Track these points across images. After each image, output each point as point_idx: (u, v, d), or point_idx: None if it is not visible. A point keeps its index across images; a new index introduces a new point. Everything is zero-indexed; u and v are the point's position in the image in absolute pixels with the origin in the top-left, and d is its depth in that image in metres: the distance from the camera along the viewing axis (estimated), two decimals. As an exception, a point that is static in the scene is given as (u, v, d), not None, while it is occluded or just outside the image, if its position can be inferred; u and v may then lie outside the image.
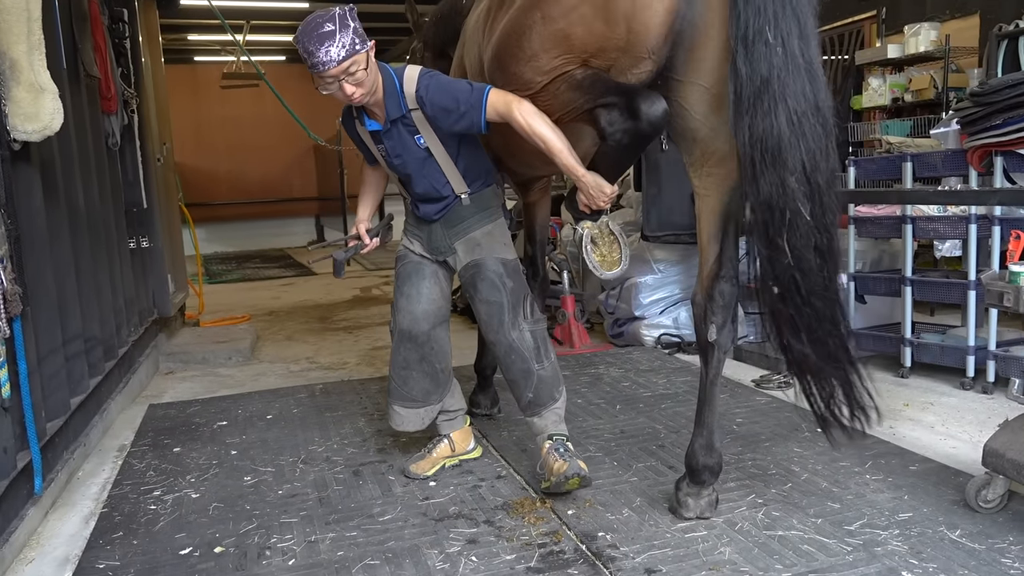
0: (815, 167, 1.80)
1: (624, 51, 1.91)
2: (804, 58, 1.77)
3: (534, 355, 2.35)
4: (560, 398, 2.41)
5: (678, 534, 2.07)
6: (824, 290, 1.87)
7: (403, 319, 2.45)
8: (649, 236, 4.02)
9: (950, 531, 2.02)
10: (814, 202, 1.81)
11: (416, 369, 2.46)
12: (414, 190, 2.40)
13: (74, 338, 2.82)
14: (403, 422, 2.50)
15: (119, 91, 3.62)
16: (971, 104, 3.05)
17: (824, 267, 1.86)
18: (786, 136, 1.77)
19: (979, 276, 2.20)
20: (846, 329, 1.96)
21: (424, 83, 2.20)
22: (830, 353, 1.94)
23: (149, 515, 2.34)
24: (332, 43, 2.03)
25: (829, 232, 1.86)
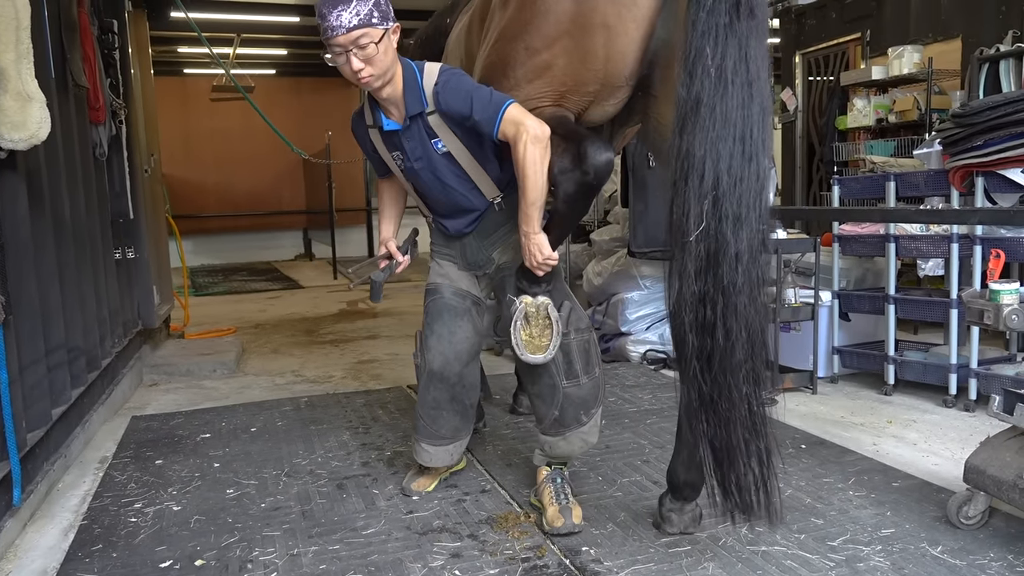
0: (721, 192, 1.69)
1: (603, 83, 1.94)
2: (740, 79, 1.70)
3: (564, 369, 2.17)
4: (588, 421, 2.22)
5: (662, 549, 2.07)
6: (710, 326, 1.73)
7: (435, 360, 2.30)
8: (636, 252, 4.04)
9: (932, 547, 2.03)
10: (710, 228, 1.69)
11: (447, 409, 2.34)
12: (436, 206, 2.23)
13: (57, 348, 2.79)
14: (431, 459, 2.40)
15: (107, 101, 3.61)
16: (953, 125, 3.11)
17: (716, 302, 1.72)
18: (697, 157, 1.70)
19: (960, 294, 2.23)
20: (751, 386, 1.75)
21: (443, 79, 2.05)
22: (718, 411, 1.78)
23: (129, 528, 2.31)
24: (346, 8, 1.88)
25: (732, 266, 1.70)
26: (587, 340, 2.20)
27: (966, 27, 5.08)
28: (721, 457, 1.84)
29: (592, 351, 2.21)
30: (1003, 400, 2.05)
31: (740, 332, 1.75)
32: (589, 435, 2.26)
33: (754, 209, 1.72)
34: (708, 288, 1.73)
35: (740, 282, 1.72)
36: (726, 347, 1.75)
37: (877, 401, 3.42)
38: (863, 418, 3.19)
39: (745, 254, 1.72)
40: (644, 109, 2.01)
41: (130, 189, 3.97)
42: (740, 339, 1.75)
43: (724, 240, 1.71)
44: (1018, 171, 2.99)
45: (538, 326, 2.08)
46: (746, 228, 1.71)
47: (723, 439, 1.82)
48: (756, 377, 1.79)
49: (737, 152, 1.71)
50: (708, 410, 1.81)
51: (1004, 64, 4.34)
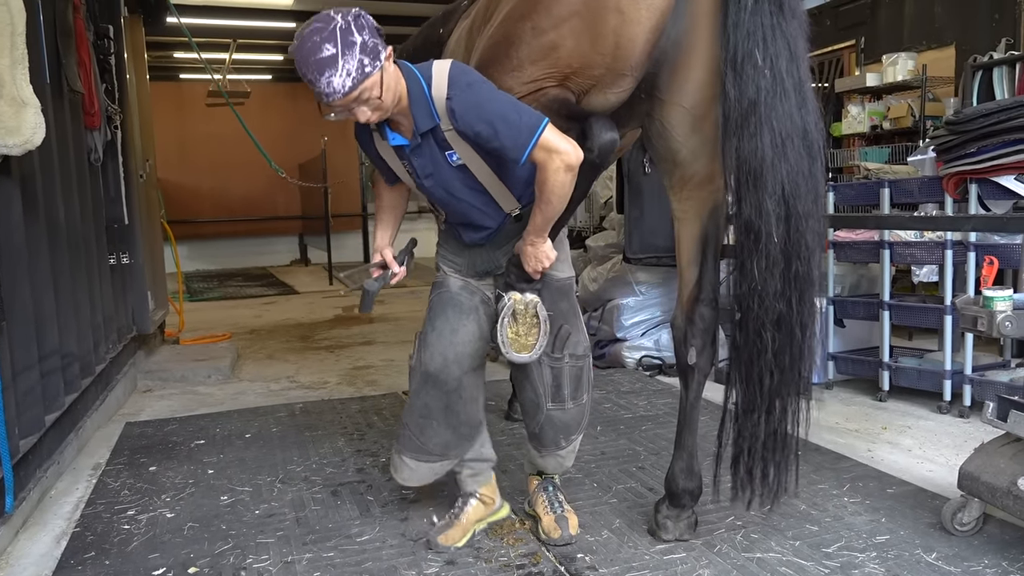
0: (795, 191, 1.80)
1: (609, 67, 1.92)
2: (793, 80, 1.78)
3: (551, 392, 2.06)
4: (567, 446, 2.13)
5: (657, 556, 2.06)
6: (787, 321, 1.83)
7: (432, 360, 2.04)
8: (631, 258, 4.05)
9: (926, 554, 2.03)
10: (789, 226, 1.81)
11: (438, 419, 2.07)
12: (450, 214, 2.06)
13: (50, 354, 2.78)
14: (411, 476, 2.12)
15: (103, 107, 3.61)
16: (946, 132, 3.12)
17: (790, 295, 1.82)
18: (768, 158, 1.78)
19: (954, 301, 2.23)
20: (805, 378, 1.88)
21: (456, 92, 1.80)
22: (779, 399, 1.90)
23: (122, 535, 2.30)
24: (334, 71, 1.66)
25: (803, 260, 1.82)
26: (580, 367, 2.09)
27: (960, 35, 5.11)
28: (767, 448, 1.93)
29: (584, 378, 2.11)
30: (997, 407, 2.06)
31: (812, 323, 1.86)
32: (566, 459, 2.18)
33: (819, 204, 1.84)
34: (780, 284, 1.82)
35: (814, 275, 1.84)
36: (802, 339, 1.85)
37: (872, 407, 3.43)
38: (858, 424, 3.19)
39: (816, 249, 1.83)
40: (648, 112, 2.01)
41: (125, 194, 3.96)
42: (812, 330, 1.87)
43: (800, 236, 1.81)
44: (1011, 178, 3.01)
45: (525, 324, 1.99)
46: (812, 225, 1.82)
47: (771, 431, 1.92)
48: (811, 368, 1.92)
49: (804, 151, 1.79)
50: (763, 405, 1.90)
51: (998, 71, 4.37)
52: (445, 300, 2.09)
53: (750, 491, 1.98)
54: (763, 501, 1.99)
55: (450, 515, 2.19)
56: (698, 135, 1.96)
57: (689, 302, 2.13)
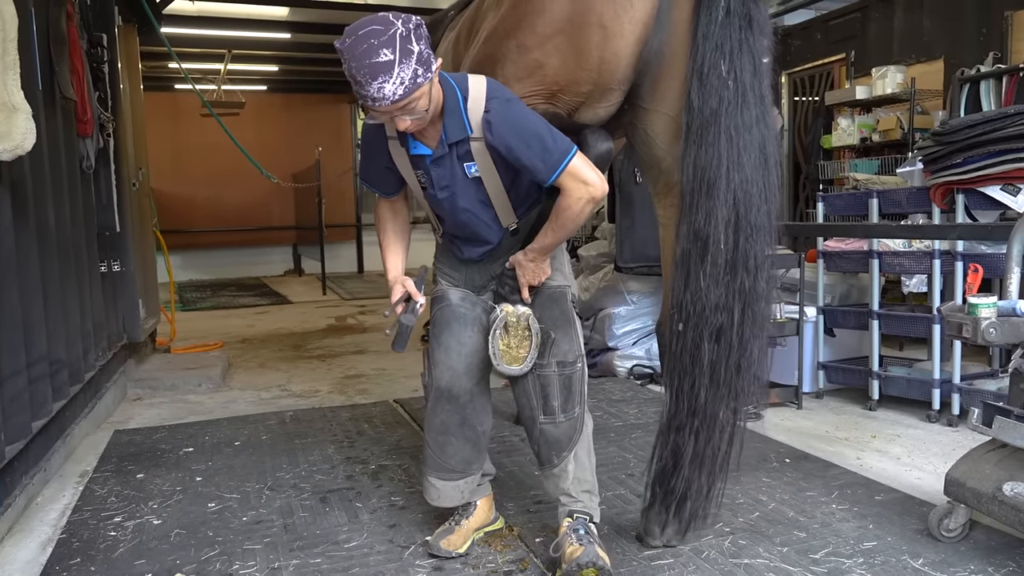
0: (747, 201, 1.81)
1: (595, 83, 1.95)
2: (755, 95, 1.81)
3: (540, 404, 1.97)
4: (559, 464, 1.99)
5: (644, 562, 2.06)
6: (727, 333, 1.82)
7: (443, 375, 2.03)
8: (622, 267, 4.06)
9: (913, 560, 2.03)
10: (738, 236, 1.81)
11: (456, 435, 2.05)
12: (453, 227, 2.03)
13: (38, 360, 2.77)
14: (439, 496, 2.09)
15: (95, 115, 3.62)
16: (933, 143, 3.15)
17: (732, 307, 1.81)
18: (723, 167, 1.79)
19: (939, 308, 2.25)
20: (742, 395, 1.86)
21: (495, 107, 1.80)
22: (709, 415, 1.88)
23: (109, 541, 2.29)
24: (388, 78, 1.61)
25: (750, 272, 1.82)
26: (569, 376, 1.97)
27: (948, 49, 5.17)
28: (694, 465, 1.92)
29: (575, 388, 1.98)
30: (982, 413, 2.07)
31: (756, 339, 1.84)
32: (561, 479, 2.01)
33: (771, 217, 1.85)
34: (724, 295, 1.82)
35: (760, 289, 1.83)
36: (740, 354, 1.84)
37: (861, 416, 3.44)
38: (847, 433, 3.20)
39: (764, 262, 1.83)
40: (632, 121, 2.03)
41: (117, 202, 3.96)
42: (754, 346, 1.85)
43: (748, 249, 1.81)
44: (997, 188, 3.04)
45: (517, 336, 1.97)
46: (763, 238, 1.83)
47: (703, 448, 1.89)
48: (751, 388, 1.89)
49: (760, 164, 1.82)
50: (698, 419, 1.89)
51: (984, 84, 4.42)
52: (448, 314, 2.06)
53: (663, 517, 2.01)
54: (675, 529, 2.03)
55: (451, 522, 2.17)
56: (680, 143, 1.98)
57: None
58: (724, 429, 1.92)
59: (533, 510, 2.43)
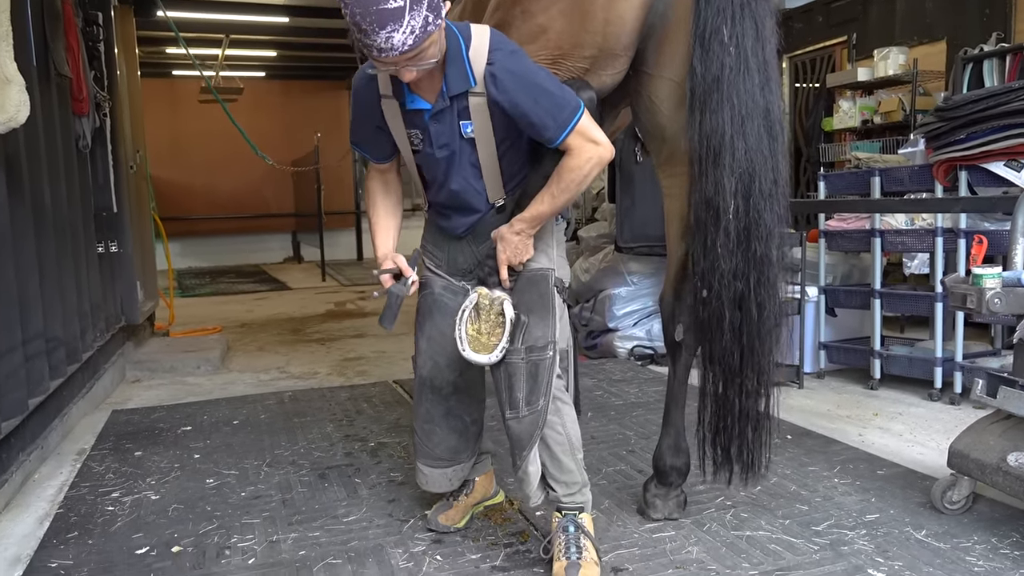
0: (753, 170, 1.80)
1: (600, 47, 1.91)
2: (758, 60, 1.79)
3: (506, 396, 1.78)
4: (521, 466, 1.78)
5: (646, 534, 2.05)
6: (747, 301, 1.83)
7: (424, 365, 1.97)
8: (623, 248, 4.04)
9: (916, 531, 2.02)
10: (748, 204, 1.81)
11: (441, 425, 1.98)
12: (439, 196, 1.91)
13: (35, 338, 2.75)
14: (427, 482, 2.04)
15: (91, 94, 3.58)
16: (936, 119, 3.12)
17: (748, 275, 1.82)
18: (727, 135, 1.78)
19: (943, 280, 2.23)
20: (769, 362, 1.87)
21: (500, 58, 1.68)
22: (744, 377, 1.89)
23: (106, 516, 2.27)
24: (397, 27, 1.49)
25: (762, 241, 1.81)
26: (536, 363, 1.77)
27: (951, 30, 5.12)
28: (732, 425, 1.93)
29: (542, 377, 1.76)
30: (986, 384, 2.05)
31: (772, 304, 1.84)
32: (523, 483, 1.80)
33: (779, 185, 1.83)
34: (739, 263, 1.82)
35: (773, 256, 1.82)
36: (760, 319, 1.84)
37: (863, 395, 3.42)
38: (849, 411, 3.19)
39: (776, 228, 1.82)
40: (636, 87, 2.00)
41: (114, 182, 3.93)
42: (772, 311, 1.85)
43: (758, 216, 1.80)
44: (1000, 164, 3.01)
45: (488, 323, 1.80)
46: (772, 206, 1.81)
47: (742, 409, 1.91)
48: (778, 348, 1.90)
49: (764, 130, 1.80)
50: (733, 383, 1.90)
51: (988, 64, 4.38)
52: (430, 304, 1.97)
53: (727, 468, 1.99)
54: (740, 478, 2.00)
55: (449, 497, 2.13)
56: (684, 109, 1.95)
57: (677, 279, 2.13)
58: (763, 388, 1.92)
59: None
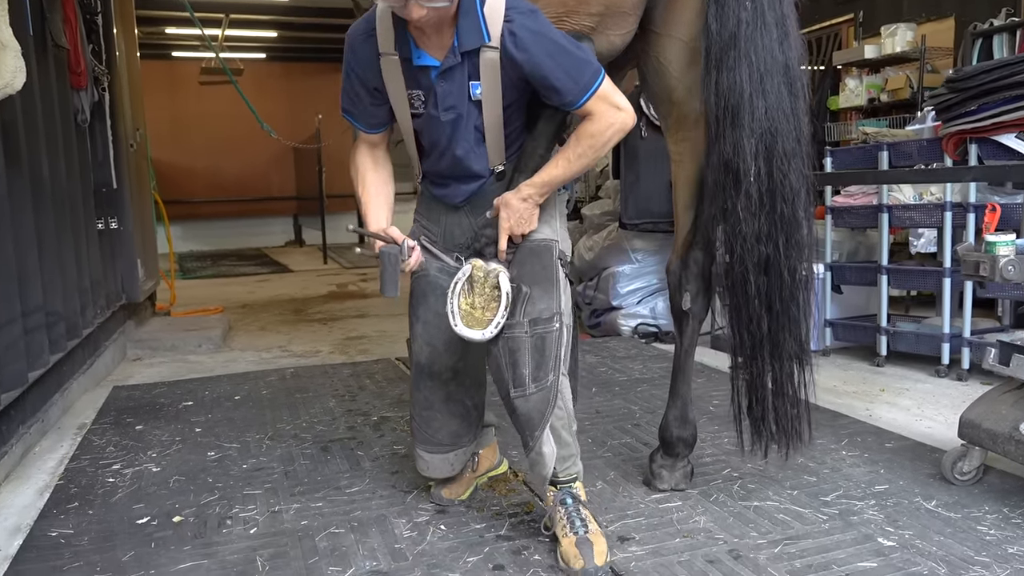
0: (775, 129, 1.75)
1: (607, 4, 1.85)
2: (775, 14, 1.75)
3: (510, 373, 1.68)
4: (534, 447, 1.69)
5: (652, 504, 2.03)
6: (775, 264, 1.77)
7: (421, 351, 1.87)
8: (627, 224, 4.00)
9: (926, 502, 1.99)
10: (771, 165, 1.75)
11: (441, 410, 1.89)
12: (437, 164, 1.79)
13: (34, 311, 2.72)
14: (428, 467, 1.95)
15: (89, 67, 3.54)
16: (947, 91, 3.07)
17: (776, 238, 1.76)
18: (746, 93, 1.73)
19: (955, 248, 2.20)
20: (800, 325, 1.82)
21: (519, 20, 1.58)
22: (776, 345, 1.84)
23: (107, 487, 2.25)
24: None
25: (788, 201, 1.76)
26: (542, 336, 1.68)
27: (959, 6, 5.05)
28: (766, 398, 1.88)
29: (549, 351, 1.67)
30: (999, 352, 2.02)
31: (803, 267, 1.80)
32: (537, 465, 1.72)
33: (803, 144, 1.77)
34: (763, 226, 1.76)
35: (801, 217, 1.77)
36: (793, 283, 1.80)
37: (869, 372, 3.39)
38: (855, 387, 3.16)
39: (802, 188, 1.77)
40: (644, 48, 1.96)
41: (113, 159, 3.89)
42: (800, 276, 1.81)
43: (783, 176, 1.75)
44: (1012, 136, 2.96)
45: (483, 296, 1.71)
46: (796, 165, 1.76)
47: (775, 379, 1.87)
48: (808, 310, 1.85)
49: (784, 87, 1.74)
50: (764, 350, 1.85)
51: (998, 39, 4.32)
52: (424, 286, 1.86)
53: (765, 438, 1.94)
54: (779, 448, 1.95)
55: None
56: (694, 70, 1.91)
57: (684, 247, 2.09)
58: (794, 356, 1.87)
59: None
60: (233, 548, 1.85)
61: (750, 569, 1.68)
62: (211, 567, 1.77)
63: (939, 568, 1.66)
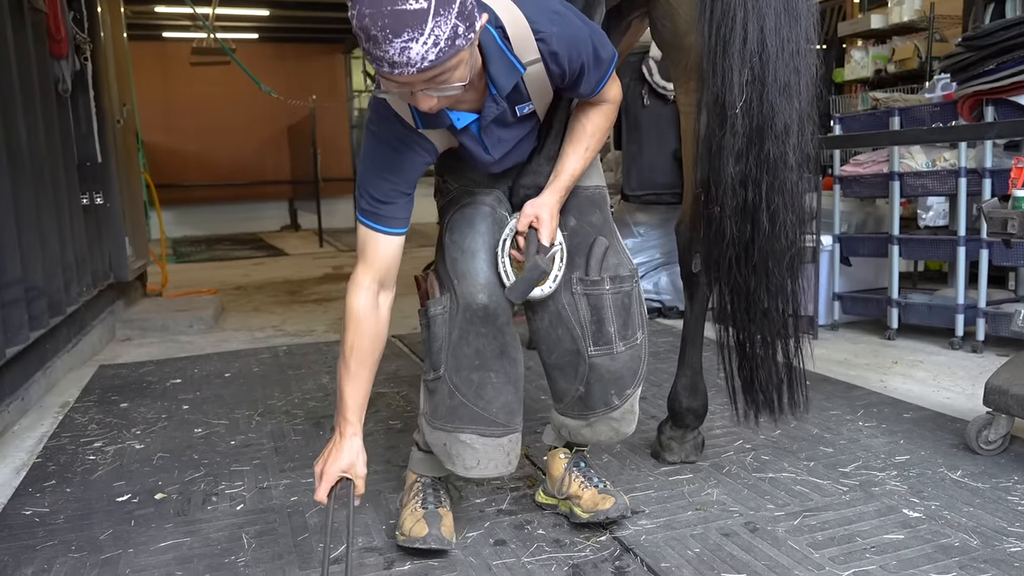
0: (768, 56, 1.58)
1: None
2: None
3: (592, 332, 1.53)
4: (622, 404, 1.58)
5: (662, 477, 1.92)
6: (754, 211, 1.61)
7: (474, 289, 1.49)
8: (630, 196, 3.88)
9: (951, 472, 1.89)
10: (762, 97, 1.57)
11: (496, 370, 1.52)
12: (484, 170, 1.56)
13: (11, 284, 2.61)
14: (479, 461, 1.53)
15: (70, 34, 3.40)
16: (962, 50, 2.94)
17: (759, 179, 1.59)
18: (739, 17, 1.57)
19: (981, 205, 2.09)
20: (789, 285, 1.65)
21: (546, 28, 1.38)
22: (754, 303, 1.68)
23: (87, 465, 2.15)
24: (417, 36, 1.12)
25: (778, 140, 1.58)
26: (627, 294, 1.56)
27: (969, -28, 4.90)
28: (751, 356, 1.74)
29: (635, 308, 1.58)
30: (1027, 313, 1.91)
31: (787, 215, 1.62)
32: (622, 423, 1.60)
33: (802, 75, 1.60)
34: (750, 167, 1.60)
35: (789, 158, 1.59)
36: (771, 232, 1.62)
37: (880, 345, 3.29)
38: (867, 359, 3.05)
39: (794, 125, 1.59)
40: None
41: (97, 132, 3.75)
42: (786, 223, 1.63)
43: (771, 110, 1.58)
44: (1032, 97, 2.84)
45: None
46: (795, 97, 1.59)
47: (757, 336, 1.71)
48: (797, 266, 1.67)
49: (781, 9, 1.58)
50: (742, 307, 1.70)
51: (1011, 2, 4.18)
52: (472, 214, 1.55)
53: (753, 409, 1.81)
54: (770, 419, 1.81)
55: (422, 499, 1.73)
56: None
57: (694, 205, 1.97)
58: (784, 317, 1.71)
59: (540, 431, 2.27)
60: (218, 525, 1.75)
61: (769, 542, 1.58)
62: (193, 544, 1.66)
63: (971, 539, 1.56)
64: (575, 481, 1.68)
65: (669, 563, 1.51)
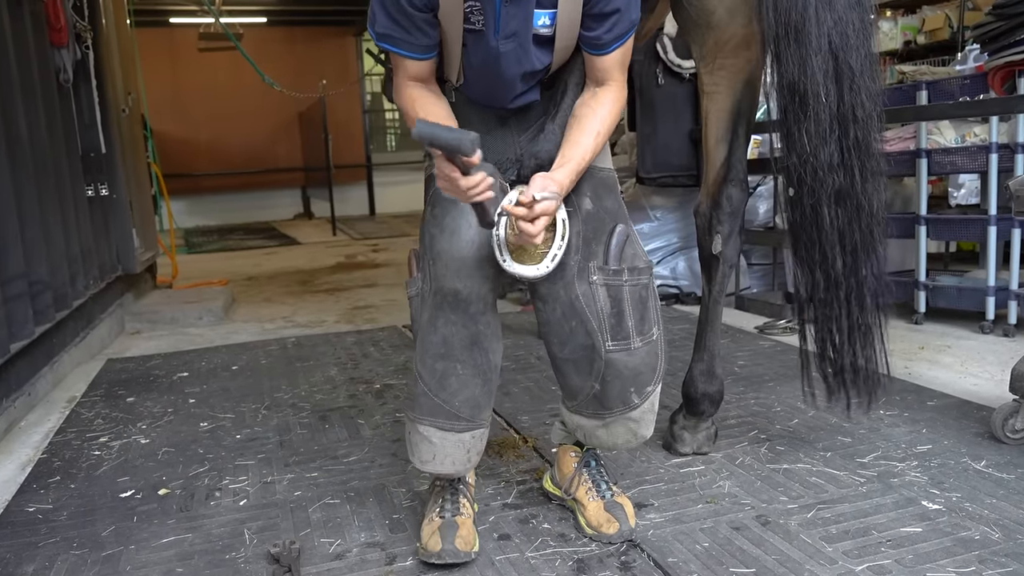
0: (844, 44, 1.57)
1: None
2: None
3: (610, 326, 1.43)
4: (641, 403, 1.50)
5: (672, 469, 1.86)
6: (851, 195, 1.62)
7: (446, 271, 1.41)
8: (645, 179, 3.78)
9: (974, 462, 1.81)
10: (841, 85, 1.58)
11: (463, 360, 1.44)
12: (484, 90, 1.47)
13: (15, 278, 2.58)
14: (435, 455, 1.48)
15: (70, 22, 3.35)
16: (993, 19, 2.81)
17: (851, 165, 1.60)
18: (811, 6, 1.55)
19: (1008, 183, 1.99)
20: (883, 260, 1.69)
21: None
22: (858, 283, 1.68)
23: (91, 460, 2.12)
24: None
25: (861, 125, 1.59)
26: (644, 286, 1.48)
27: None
28: (854, 334, 1.73)
29: (651, 303, 1.49)
30: (1061, 296, 1.81)
31: (880, 199, 1.65)
32: (641, 424, 1.53)
33: (872, 64, 1.61)
34: (838, 154, 1.60)
35: (873, 143, 1.61)
36: (872, 214, 1.65)
37: (906, 329, 3.18)
38: (892, 344, 2.82)
39: (874, 114, 1.60)
40: None
41: (101, 122, 3.71)
42: (880, 207, 1.66)
43: (853, 99, 1.58)
44: (1067, 67, 2.71)
45: None
46: (867, 84, 1.59)
47: (857, 316, 1.72)
48: (884, 250, 1.71)
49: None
50: (843, 290, 1.69)
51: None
52: None
53: (843, 391, 1.78)
54: (860, 401, 1.79)
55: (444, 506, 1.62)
56: None
57: (716, 184, 1.90)
58: (873, 295, 1.72)
59: (549, 423, 2.21)
60: (220, 521, 1.71)
61: (780, 535, 1.52)
62: (195, 540, 1.63)
63: (992, 532, 1.49)
64: (583, 486, 1.62)
65: (676, 558, 1.46)
